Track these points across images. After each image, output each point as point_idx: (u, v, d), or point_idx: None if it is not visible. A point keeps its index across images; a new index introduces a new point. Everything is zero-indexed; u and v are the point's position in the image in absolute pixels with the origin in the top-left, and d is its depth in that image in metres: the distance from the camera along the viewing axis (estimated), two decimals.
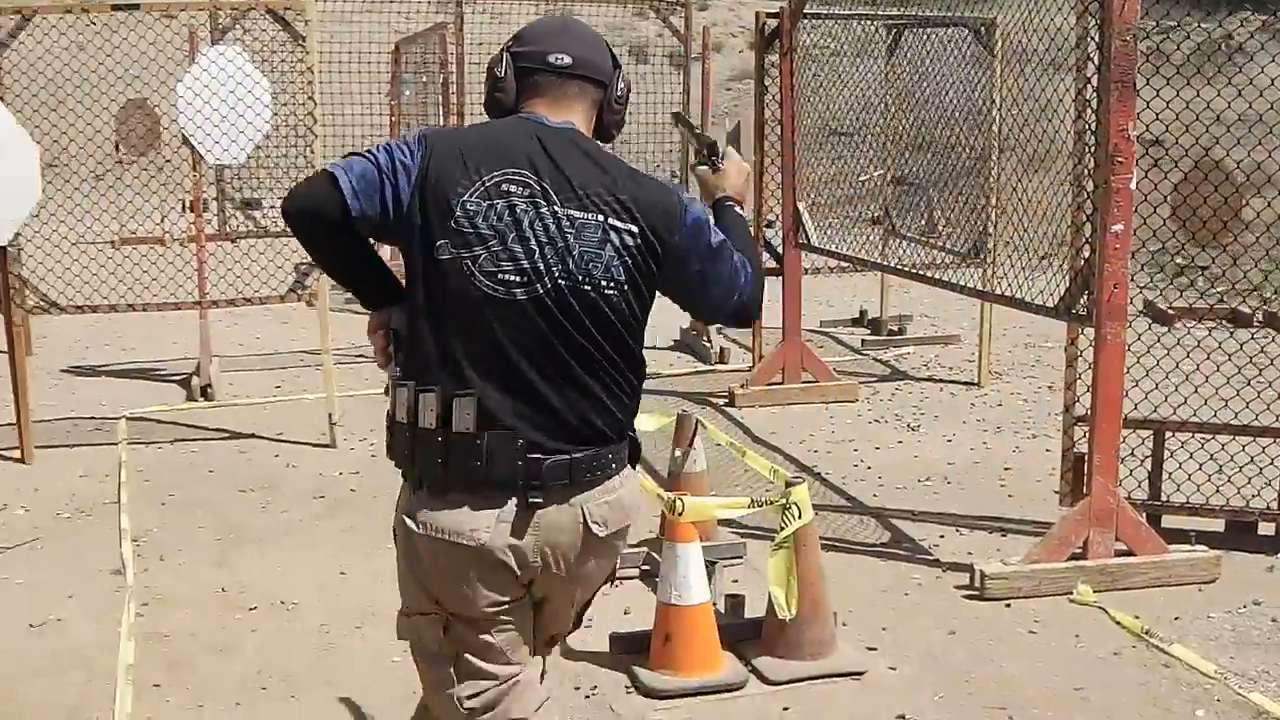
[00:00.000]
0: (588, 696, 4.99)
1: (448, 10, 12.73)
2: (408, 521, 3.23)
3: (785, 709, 4.91)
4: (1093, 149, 5.97)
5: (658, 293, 3.34)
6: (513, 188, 3.15)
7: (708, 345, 10.70)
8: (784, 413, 8.98)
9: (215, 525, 6.82)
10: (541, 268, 3.15)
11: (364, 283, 3.39)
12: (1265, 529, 6.52)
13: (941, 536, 6.69)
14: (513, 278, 3.14)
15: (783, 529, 4.82)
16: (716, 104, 11.50)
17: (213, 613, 5.64)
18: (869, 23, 9.93)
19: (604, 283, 3.19)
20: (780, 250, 9.29)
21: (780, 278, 9.16)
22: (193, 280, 9.37)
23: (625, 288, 3.22)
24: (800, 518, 4.84)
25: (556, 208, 3.16)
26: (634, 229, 3.22)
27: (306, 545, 6.27)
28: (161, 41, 8.61)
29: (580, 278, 3.17)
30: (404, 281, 3.25)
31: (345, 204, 3.14)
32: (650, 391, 9.26)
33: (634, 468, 3.43)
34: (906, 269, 8.76)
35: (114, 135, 14.22)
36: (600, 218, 3.19)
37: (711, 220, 3.41)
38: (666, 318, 11.86)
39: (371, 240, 3.33)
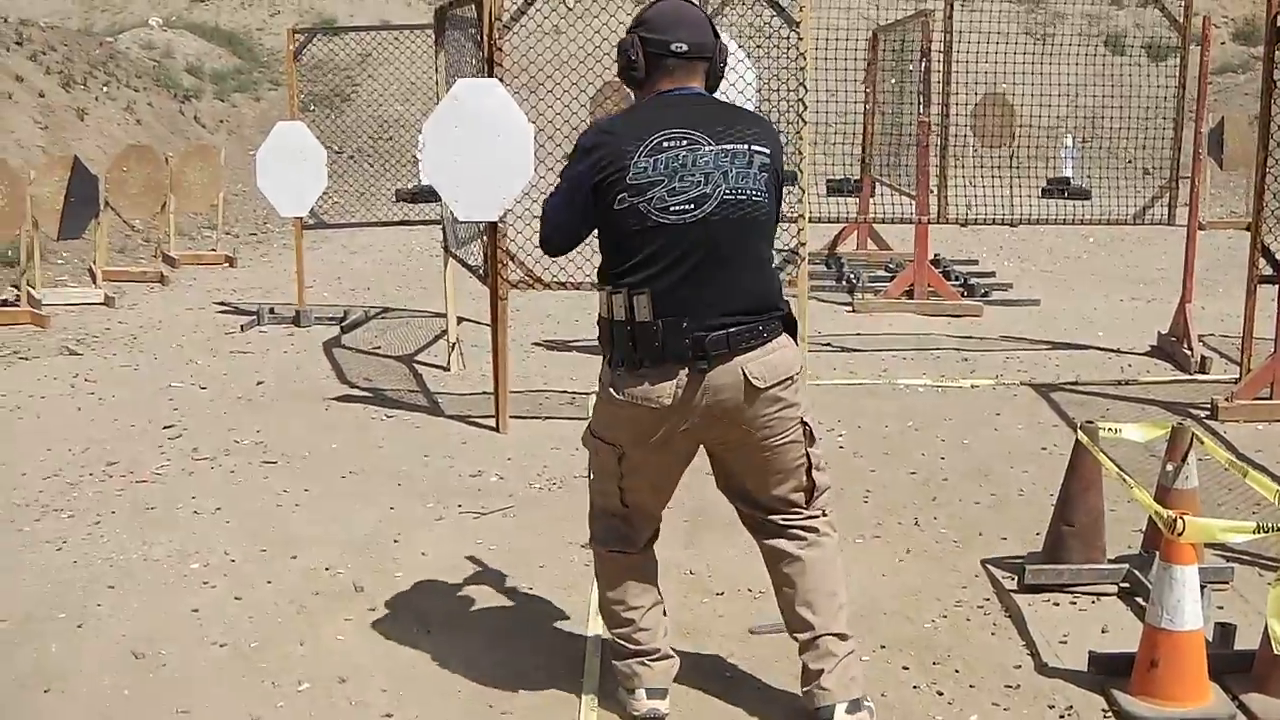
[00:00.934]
0: (1062, 716, 4.76)
1: None
2: (611, 391, 4.38)
3: None
4: None
5: None
6: (668, 142, 4.25)
7: (1188, 353, 10.15)
8: (1271, 430, 8.43)
9: (684, 506, 6.81)
10: (708, 191, 4.25)
11: None
12: None
13: None
14: (685, 206, 4.23)
15: None
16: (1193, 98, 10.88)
17: (681, 595, 5.65)
18: None
19: (754, 194, 4.32)
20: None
21: (1278, 286, 8.62)
22: None
23: (766, 196, 4.37)
24: None
25: (711, 146, 4.27)
26: (767, 151, 4.38)
27: None
28: (630, 22, 8.66)
29: (738, 193, 4.28)
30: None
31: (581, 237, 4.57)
32: (1125, 399, 9.02)
33: (793, 337, 4.48)
34: None
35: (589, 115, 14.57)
36: (746, 146, 4.31)
37: None
38: (1142, 322, 11.54)
39: None
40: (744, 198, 4.29)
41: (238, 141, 23.02)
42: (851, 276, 13.76)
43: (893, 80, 13.51)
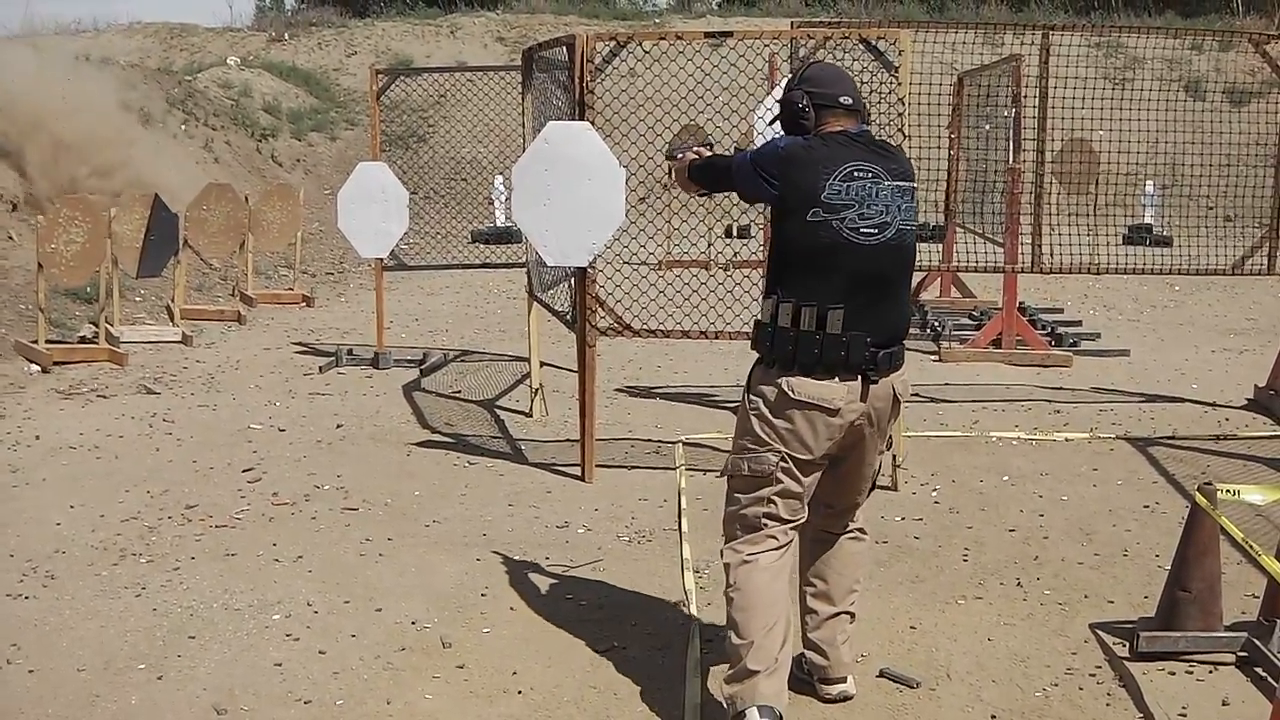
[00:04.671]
0: None
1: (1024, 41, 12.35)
2: (784, 387, 4.74)
3: None
4: None
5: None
6: (858, 173, 4.74)
7: None
8: None
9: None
10: (889, 220, 4.75)
11: None
12: None
13: None
14: (872, 230, 4.72)
15: None
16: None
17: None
18: None
19: (911, 225, 4.87)
20: None
21: None
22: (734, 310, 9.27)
23: (915, 226, 4.93)
24: None
25: (888, 181, 4.77)
26: (915, 186, 4.93)
27: (871, 593, 5.98)
28: (708, 66, 8.49)
29: (906, 224, 4.82)
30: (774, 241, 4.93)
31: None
32: (1226, 454, 8.74)
33: None
34: None
35: None
36: (909, 183, 4.87)
37: None
38: (1236, 374, 11.25)
39: None
40: (909, 228, 4.86)
41: (314, 181, 23.06)
42: (936, 325, 13.53)
43: (986, 126, 13.27)
